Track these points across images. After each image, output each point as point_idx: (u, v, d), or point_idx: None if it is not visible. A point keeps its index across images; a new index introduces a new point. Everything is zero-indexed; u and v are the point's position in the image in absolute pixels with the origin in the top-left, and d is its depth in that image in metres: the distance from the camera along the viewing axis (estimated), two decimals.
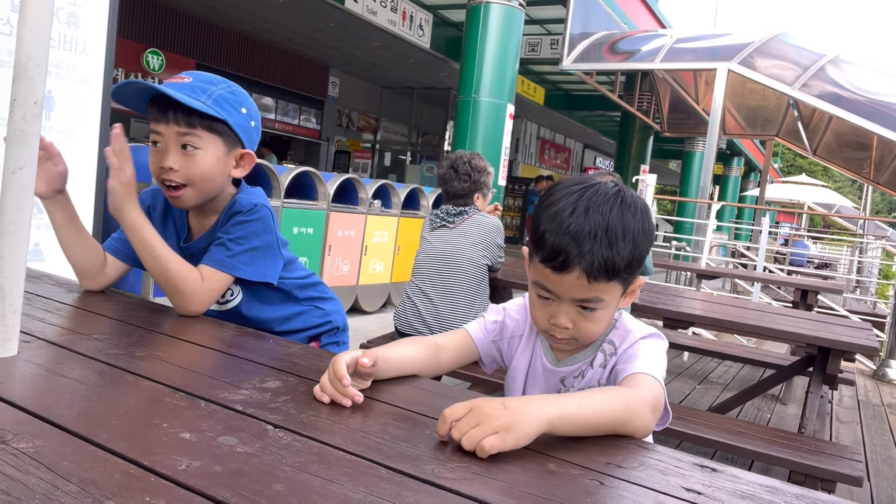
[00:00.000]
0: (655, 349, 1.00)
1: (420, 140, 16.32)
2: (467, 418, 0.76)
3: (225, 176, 1.33)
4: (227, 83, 1.31)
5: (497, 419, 0.75)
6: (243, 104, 1.32)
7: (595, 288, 0.94)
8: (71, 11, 3.04)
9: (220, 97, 1.27)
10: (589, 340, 1.02)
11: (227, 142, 1.30)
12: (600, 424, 0.83)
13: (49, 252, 3.06)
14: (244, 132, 1.32)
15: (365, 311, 5.69)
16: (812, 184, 15.78)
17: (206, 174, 1.28)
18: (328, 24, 10.06)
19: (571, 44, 8.49)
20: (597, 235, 0.92)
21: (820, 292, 4.70)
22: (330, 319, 1.52)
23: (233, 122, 1.28)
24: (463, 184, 2.74)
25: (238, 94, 1.32)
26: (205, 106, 1.23)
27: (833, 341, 2.40)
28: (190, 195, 1.29)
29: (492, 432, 0.73)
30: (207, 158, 1.27)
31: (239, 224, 1.30)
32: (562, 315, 0.97)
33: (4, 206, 0.87)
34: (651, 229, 1.00)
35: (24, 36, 0.85)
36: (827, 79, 7.41)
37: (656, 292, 3.42)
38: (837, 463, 2.17)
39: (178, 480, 0.61)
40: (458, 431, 0.75)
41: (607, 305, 0.98)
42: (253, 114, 1.35)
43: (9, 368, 0.86)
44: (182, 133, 1.25)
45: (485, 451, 0.73)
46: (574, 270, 0.93)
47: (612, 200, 0.96)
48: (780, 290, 7.63)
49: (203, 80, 1.27)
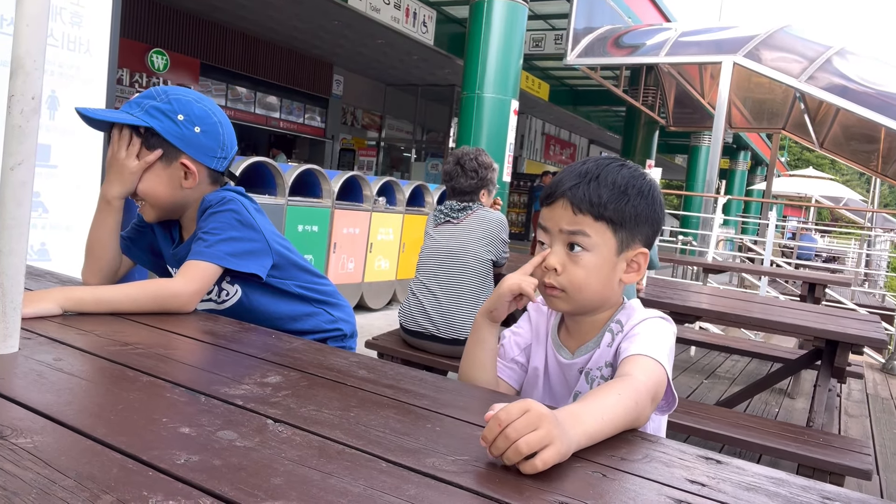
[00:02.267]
0: (661, 330, 0.99)
1: (425, 137, 16.31)
2: (525, 419, 0.67)
3: (174, 188, 1.32)
4: (168, 93, 1.30)
5: (556, 427, 0.68)
6: (181, 111, 1.29)
7: (580, 221, 0.98)
8: (74, 11, 3.05)
9: (151, 108, 1.28)
10: (579, 294, 1.01)
11: (166, 153, 1.30)
12: (616, 431, 0.81)
13: (55, 252, 3.07)
14: (179, 139, 1.29)
15: (371, 308, 5.69)
16: (819, 177, 15.70)
17: (148, 189, 1.31)
18: (332, 23, 10.06)
19: (575, 39, 8.46)
20: (587, 174, 1.00)
21: (827, 286, 4.67)
22: (338, 326, 1.49)
23: (160, 128, 1.27)
24: (469, 180, 2.73)
25: (175, 103, 1.29)
26: (130, 118, 1.26)
27: (841, 334, 2.38)
28: (147, 210, 1.35)
29: (549, 442, 0.67)
30: (148, 177, 1.30)
31: (211, 216, 1.30)
32: (552, 255, 1.01)
33: (4, 202, 0.87)
34: (654, 196, 1.03)
35: (22, 31, 0.85)
36: (833, 71, 7.36)
37: (662, 286, 3.40)
38: (846, 456, 2.15)
39: (176, 474, 0.60)
40: (515, 431, 0.66)
41: (595, 250, 0.99)
42: (195, 119, 1.30)
43: (9, 365, 0.86)
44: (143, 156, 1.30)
45: (536, 468, 0.66)
46: (559, 199, 1.00)
47: (614, 162, 1.03)
48: (787, 284, 7.59)
49: (143, 96, 1.30)
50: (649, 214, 1.02)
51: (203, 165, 1.34)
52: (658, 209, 1.04)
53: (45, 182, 2.98)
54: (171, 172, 1.31)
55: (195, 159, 1.32)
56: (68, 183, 3.08)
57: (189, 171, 1.32)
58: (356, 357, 1.07)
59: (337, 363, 1.02)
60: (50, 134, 2.99)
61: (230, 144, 1.38)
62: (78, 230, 3.16)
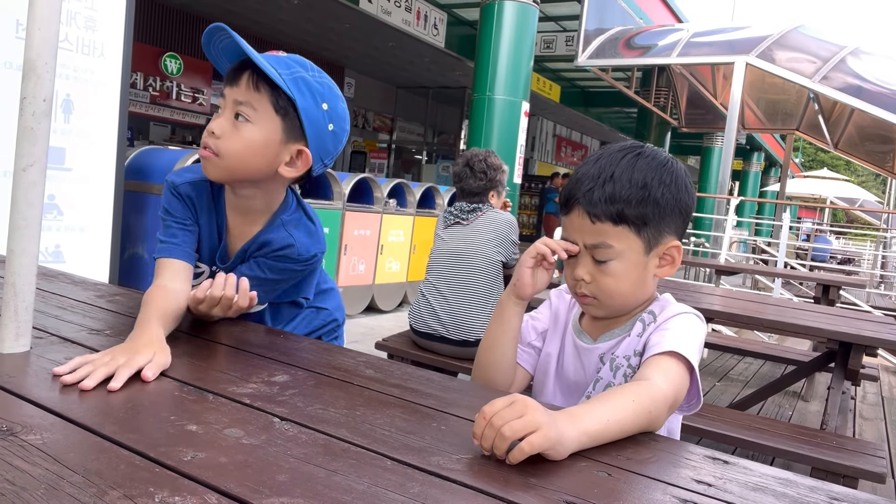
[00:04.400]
0: (693, 327, 0.97)
1: (435, 139, 16.33)
2: (510, 408, 0.68)
3: (269, 165, 1.14)
4: (321, 74, 1.16)
5: (543, 416, 0.68)
6: (327, 100, 1.14)
7: (600, 231, 0.94)
8: (88, 16, 3.09)
9: (301, 78, 1.11)
10: (611, 300, 0.98)
11: (288, 129, 1.12)
12: (624, 435, 0.79)
13: (70, 254, 3.10)
14: (313, 126, 1.13)
15: (381, 310, 5.70)
16: (834, 178, 15.55)
17: (242, 152, 1.10)
18: (343, 25, 10.10)
19: (587, 40, 8.44)
20: (600, 176, 0.94)
21: (842, 287, 4.62)
22: (334, 318, 1.45)
23: (301, 105, 1.10)
24: (479, 182, 2.73)
25: (327, 89, 1.15)
26: (277, 76, 1.07)
27: (855, 336, 2.36)
28: (217, 166, 1.12)
29: (534, 428, 0.67)
30: (253, 135, 1.10)
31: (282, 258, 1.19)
32: (579, 266, 0.97)
33: (15, 203, 0.88)
34: (679, 182, 0.97)
35: (33, 34, 0.86)
36: (848, 71, 7.29)
37: (673, 288, 3.38)
38: (860, 459, 2.13)
39: (182, 471, 0.61)
40: (500, 419, 0.67)
41: (621, 256, 0.95)
42: (335, 117, 1.16)
43: (21, 363, 0.87)
44: (239, 101, 1.10)
45: (524, 451, 0.66)
46: (575, 208, 0.95)
47: (628, 152, 0.97)
48: (801, 286, 7.52)
49: (295, 60, 1.13)
50: (676, 203, 0.97)
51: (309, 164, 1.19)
52: (685, 195, 0.98)
53: (60, 185, 3.02)
54: (279, 150, 1.13)
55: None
56: (83, 185, 3.12)
57: (301, 160, 1.15)
58: (363, 356, 1.07)
59: (344, 362, 1.03)
60: (65, 137, 3.03)
61: (334, 159, 1.24)
62: (92, 232, 3.19)
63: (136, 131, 9.51)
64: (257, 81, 1.09)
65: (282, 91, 1.09)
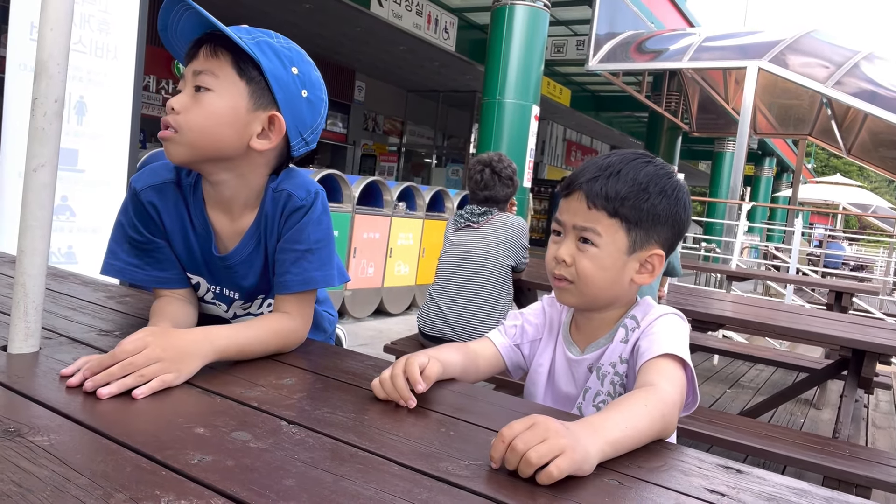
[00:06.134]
0: (679, 327, 0.98)
1: (445, 143, 16.35)
2: (531, 431, 0.67)
3: (238, 137, 1.01)
4: (289, 42, 1.06)
5: (564, 437, 0.67)
6: (296, 64, 1.04)
7: (594, 217, 0.97)
8: (102, 18, 3.11)
9: (264, 42, 1.01)
10: (585, 287, 0.99)
11: (256, 94, 1.01)
12: (641, 443, 0.78)
13: (82, 255, 3.12)
14: (283, 90, 1.02)
15: (390, 313, 5.70)
16: (847, 184, 15.42)
17: (204, 124, 0.99)
18: (354, 29, 10.13)
19: (597, 44, 8.42)
20: (608, 168, 0.98)
21: (855, 294, 4.57)
22: (330, 312, 1.41)
23: (266, 66, 0.99)
24: (506, 189, 2.74)
25: (295, 53, 1.05)
26: (237, 38, 0.97)
27: (868, 343, 2.33)
28: (178, 143, 0.99)
29: (560, 451, 0.65)
30: (215, 103, 0.99)
31: (311, 225, 1.07)
32: (562, 247, 1.00)
33: (26, 204, 0.88)
34: (679, 197, 1.00)
35: (45, 35, 0.86)
36: (861, 76, 7.23)
37: (684, 294, 3.36)
38: (873, 468, 2.10)
39: (189, 474, 0.60)
40: (523, 443, 0.66)
41: (605, 247, 0.97)
42: (308, 83, 1.05)
43: (30, 364, 0.87)
44: (198, 71, 0.99)
45: (553, 476, 0.64)
46: (576, 192, 0.99)
47: (639, 157, 1.01)
48: (813, 292, 7.46)
49: (258, 30, 1.04)
50: (670, 215, 0.99)
51: (285, 138, 1.06)
52: (681, 211, 1.00)
53: (73, 186, 3.04)
54: (247, 119, 1.01)
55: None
56: (96, 187, 3.14)
57: (273, 127, 1.03)
58: (372, 360, 1.06)
59: (352, 366, 1.02)
60: (78, 139, 3.05)
61: (317, 136, 1.11)
62: (104, 233, 3.20)
63: (149, 133, 9.59)
64: (215, 47, 0.99)
65: (245, 54, 0.99)
